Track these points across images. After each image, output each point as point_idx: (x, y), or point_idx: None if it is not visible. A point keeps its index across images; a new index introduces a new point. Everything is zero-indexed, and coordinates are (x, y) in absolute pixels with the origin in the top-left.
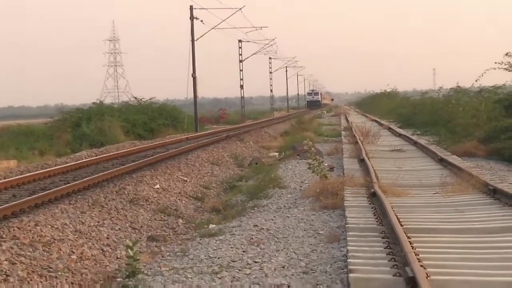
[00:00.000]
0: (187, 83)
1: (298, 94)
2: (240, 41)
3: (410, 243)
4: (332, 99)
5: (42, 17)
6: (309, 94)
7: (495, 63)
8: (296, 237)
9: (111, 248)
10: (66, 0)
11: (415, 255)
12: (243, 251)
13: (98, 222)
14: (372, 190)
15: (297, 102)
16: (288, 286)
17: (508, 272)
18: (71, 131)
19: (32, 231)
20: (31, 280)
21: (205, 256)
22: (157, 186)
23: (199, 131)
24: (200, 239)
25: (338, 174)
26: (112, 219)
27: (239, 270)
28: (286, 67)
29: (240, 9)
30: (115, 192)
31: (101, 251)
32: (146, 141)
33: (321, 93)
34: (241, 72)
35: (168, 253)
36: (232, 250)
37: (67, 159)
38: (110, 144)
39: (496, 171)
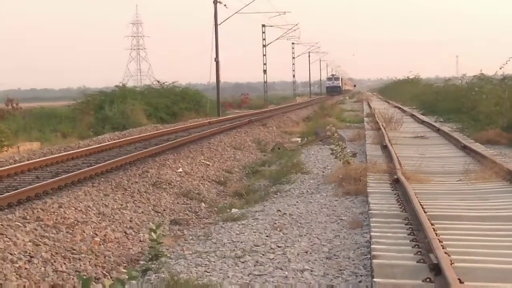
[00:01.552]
0: (209, 68)
1: (320, 79)
2: (263, 25)
3: (434, 230)
4: (355, 85)
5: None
6: (329, 79)
7: None
8: (318, 222)
9: (134, 231)
10: None
11: (439, 242)
12: (266, 236)
13: (121, 205)
14: (395, 177)
15: (319, 87)
16: (311, 271)
17: None
18: (94, 114)
19: (55, 213)
20: (54, 261)
21: (228, 240)
22: (180, 169)
23: (221, 116)
24: (223, 223)
25: (360, 160)
26: (135, 202)
27: (262, 254)
28: (309, 52)
29: None
30: (138, 175)
31: (124, 234)
32: (168, 125)
33: (341, 78)
34: (264, 57)
35: (191, 237)
36: (255, 235)
37: (90, 141)
38: (133, 128)
39: None
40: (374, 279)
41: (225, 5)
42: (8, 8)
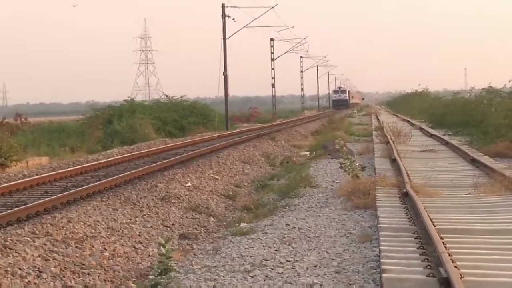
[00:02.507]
0: (218, 81)
1: (329, 93)
2: (272, 39)
3: (444, 244)
4: (363, 99)
5: (73, 14)
6: (335, 92)
7: None
8: (328, 236)
9: (143, 246)
10: None
11: (449, 255)
12: (275, 250)
13: (130, 219)
14: (404, 190)
15: (328, 101)
16: (321, 286)
17: None
18: (103, 128)
19: (64, 228)
20: (63, 276)
21: (237, 254)
22: (189, 184)
23: (230, 130)
24: (232, 238)
25: (369, 173)
26: (144, 216)
27: (272, 269)
28: (317, 66)
29: (273, 7)
30: (146, 189)
31: (133, 248)
32: (177, 139)
33: (349, 91)
34: (273, 70)
35: (200, 251)
36: (264, 249)
37: (99, 156)
38: (141, 142)
39: None
40: None
41: (233, 19)
42: (16, 23)
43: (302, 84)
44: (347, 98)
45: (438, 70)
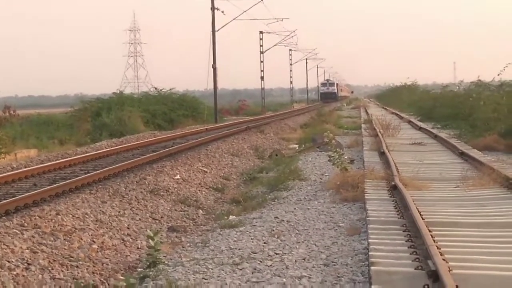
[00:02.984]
0: (207, 74)
1: (318, 86)
2: (261, 32)
3: (432, 237)
4: (352, 92)
5: (62, 6)
6: (323, 84)
7: None
8: (316, 229)
9: (131, 238)
10: None
11: (437, 248)
12: (264, 243)
13: (119, 212)
14: (393, 183)
15: (317, 94)
16: (309, 278)
17: None
18: (91, 120)
19: (53, 220)
20: (52, 269)
21: (226, 247)
22: (178, 176)
23: (218, 122)
24: (221, 230)
25: (358, 166)
26: (133, 209)
27: (260, 261)
28: (306, 59)
29: (262, 0)
30: (135, 182)
31: (121, 241)
32: (165, 132)
33: (337, 84)
34: (262, 63)
35: (188, 244)
36: (253, 242)
37: (87, 148)
38: (130, 134)
39: None
40: (372, 286)
41: (222, 12)
42: (4, 14)
43: (291, 77)
44: (336, 91)
45: (427, 64)
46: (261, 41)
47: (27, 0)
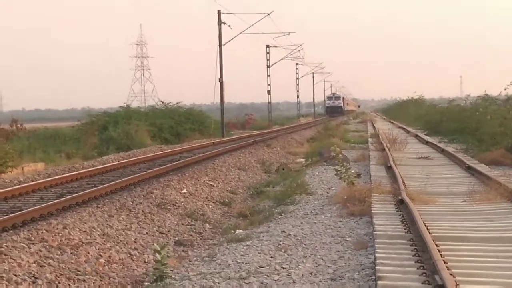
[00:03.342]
0: (214, 88)
1: (324, 100)
2: (267, 46)
3: (439, 251)
4: (359, 106)
5: (69, 20)
6: (328, 98)
7: None
8: (323, 243)
9: (138, 252)
10: (93, 4)
11: (444, 263)
12: (271, 257)
13: (126, 225)
14: (400, 198)
15: (323, 108)
16: None
17: None
18: (98, 134)
19: (60, 234)
20: (59, 283)
21: (233, 261)
22: (184, 190)
23: (225, 136)
24: (227, 244)
25: (365, 181)
26: (140, 223)
27: (267, 276)
28: (313, 73)
29: (269, 14)
30: (142, 196)
31: (128, 255)
32: (172, 146)
33: (343, 98)
34: (269, 77)
35: (195, 258)
36: (259, 256)
37: (94, 162)
38: (137, 148)
39: None
40: None
41: (229, 26)
42: (12, 28)
43: (298, 91)
44: (342, 105)
45: (434, 78)
46: (268, 55)
47: (35, 13)
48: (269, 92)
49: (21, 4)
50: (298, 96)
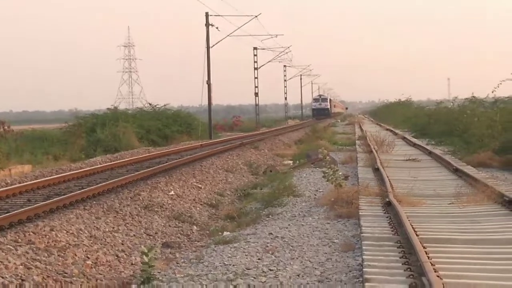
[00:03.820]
0: (201, 90)
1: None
2: (255, 48)
3: (426, 253)
4: (346, 108)
5: (57, 23)
6: (315, 100)
7: None
8: (310, 245)
9: (126, 254)
10: (81, 6)
11: (431, 265)
12: (258, 259)
13: (113, 227)
14: (387, 200)
15: (311, 110)
16: None
17: None
18: (86, 136)
19: (47, 236)
20: (46, 285)
21: (220, 263)
22: (172, 192)
23: (213, 138)
24: (215, 246)
25: (352, 183)
26: (127, 225)
27: (254, 277)
28: (301, 75)
29: (256, 16)
30: (129, 198)
31: (116, 257)
32: (160, 148)
33: (330, 99)
34: (256, 79)
35: (182, 260)
36: (247, 258)
37: (82, 164)
38: (124, 150)
39: (511, 182)
40: None
41: (217, 28)
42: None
43: (285, 93)
44: (328, 107)
45: (421, 80)
46: (255, 57)
47: (22, 16)
48: (256, 94)
49: (5, 4)
50: (286, 98)
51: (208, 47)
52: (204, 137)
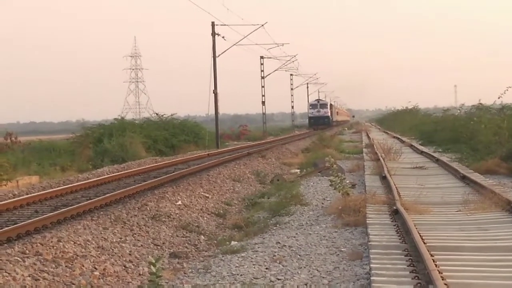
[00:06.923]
0: (208, 99)
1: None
2: (262, 57)
3: (434, 261)
4: (353, 116)
5: (63, 33)
6: (312, 106)
7: None
8: (318, 254)
9: (133, 265)
10: (88, 16)
11: (439, 273)
12: (266, 268)
13: (121, 238)
14: (395, 208)
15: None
16: None
17: None
18: (93, 147)
19: (55, 247)
20: None
21: (228, 273)
22: (179, 202)
23: (220, 148)
24: (223, 256)
25: (360, 191)
26: (134, 235)
27: (262, 287)
28: (307, 83)
29: (263, 25)
30: (137, 208)
31: (123, 268)
32: (167, 157)
33: (330, 105)
34: (263, 88)
35: (190, 270)
36: (254, 267)
37: (89, 175)
38: (132, 160)
39: None
40: None
41: (223, 37)
42: (7, 41)
43: (292, 101)
44: (329, 114)
45: (428, 87)
46: (262, 66)
47: (28, 25)
48: (263, 102)
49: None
50: (292, 107)
51: (214, 56)
52: (211, 147)
